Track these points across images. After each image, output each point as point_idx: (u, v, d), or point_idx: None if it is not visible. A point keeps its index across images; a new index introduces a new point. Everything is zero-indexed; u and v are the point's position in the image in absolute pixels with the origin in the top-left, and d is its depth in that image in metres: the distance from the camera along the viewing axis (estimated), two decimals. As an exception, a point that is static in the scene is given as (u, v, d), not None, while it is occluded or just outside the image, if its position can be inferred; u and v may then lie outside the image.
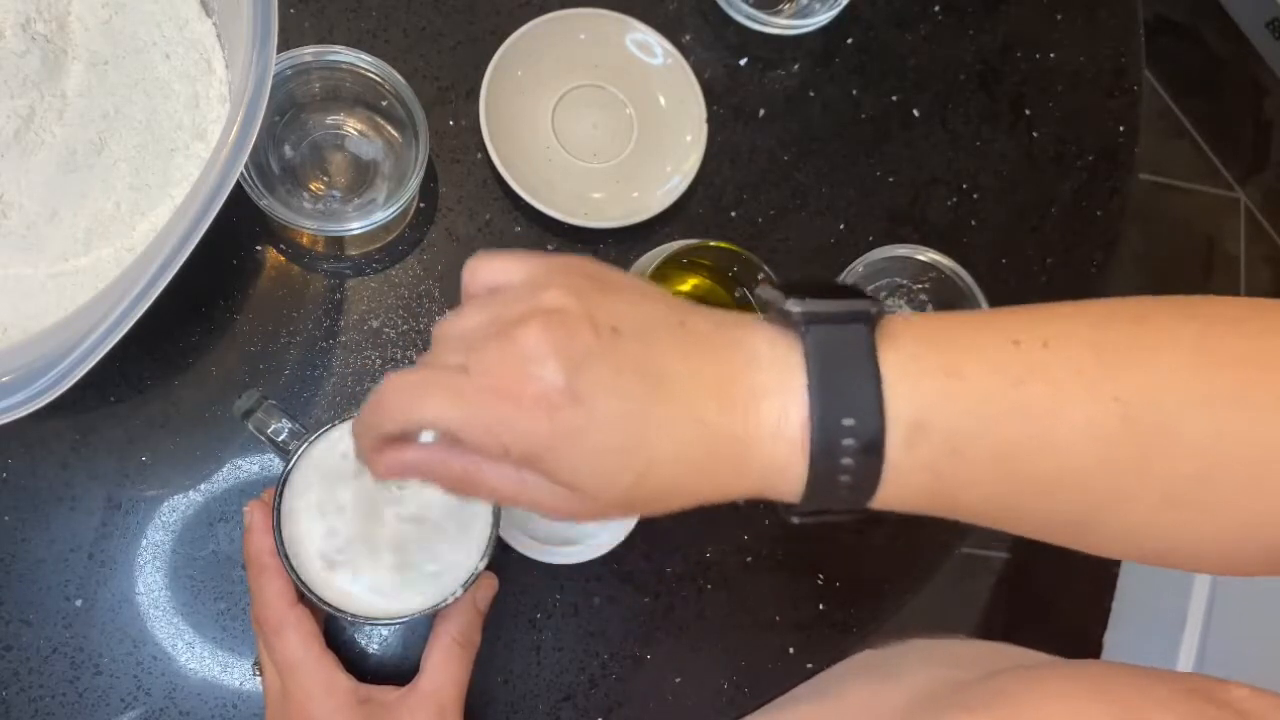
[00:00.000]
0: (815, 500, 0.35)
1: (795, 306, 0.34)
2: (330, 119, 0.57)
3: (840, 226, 0.65)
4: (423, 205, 0.59)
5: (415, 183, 0.53)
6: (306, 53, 0.53)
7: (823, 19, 0.64)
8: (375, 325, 0.58)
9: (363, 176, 0.57)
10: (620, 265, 0.60)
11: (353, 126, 0.57)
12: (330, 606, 0.46)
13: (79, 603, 0.53)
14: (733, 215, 0.63)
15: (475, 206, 0.60)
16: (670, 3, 0.65)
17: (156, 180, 0.53)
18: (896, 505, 0.36)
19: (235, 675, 0.54)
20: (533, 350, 0.32)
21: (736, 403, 0.34)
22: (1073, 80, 0.69)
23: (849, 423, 0.33)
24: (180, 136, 0.53)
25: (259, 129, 0.42)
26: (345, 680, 0.48)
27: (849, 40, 0.67)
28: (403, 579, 0.47)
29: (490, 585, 0.51)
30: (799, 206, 0.64)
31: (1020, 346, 0.34)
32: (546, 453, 0.33)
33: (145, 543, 0.54)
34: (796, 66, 0.66)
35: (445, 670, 0.49)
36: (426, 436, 0.34)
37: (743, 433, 0.34)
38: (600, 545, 0.55)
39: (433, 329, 0.36)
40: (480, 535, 0.48)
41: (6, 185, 0.51)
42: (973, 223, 0.66)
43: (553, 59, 0.61)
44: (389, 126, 0.57)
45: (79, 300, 0.51)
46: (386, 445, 0.35)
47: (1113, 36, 0.70)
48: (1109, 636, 1.51)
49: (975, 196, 0.67)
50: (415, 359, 0.58)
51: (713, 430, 0.34)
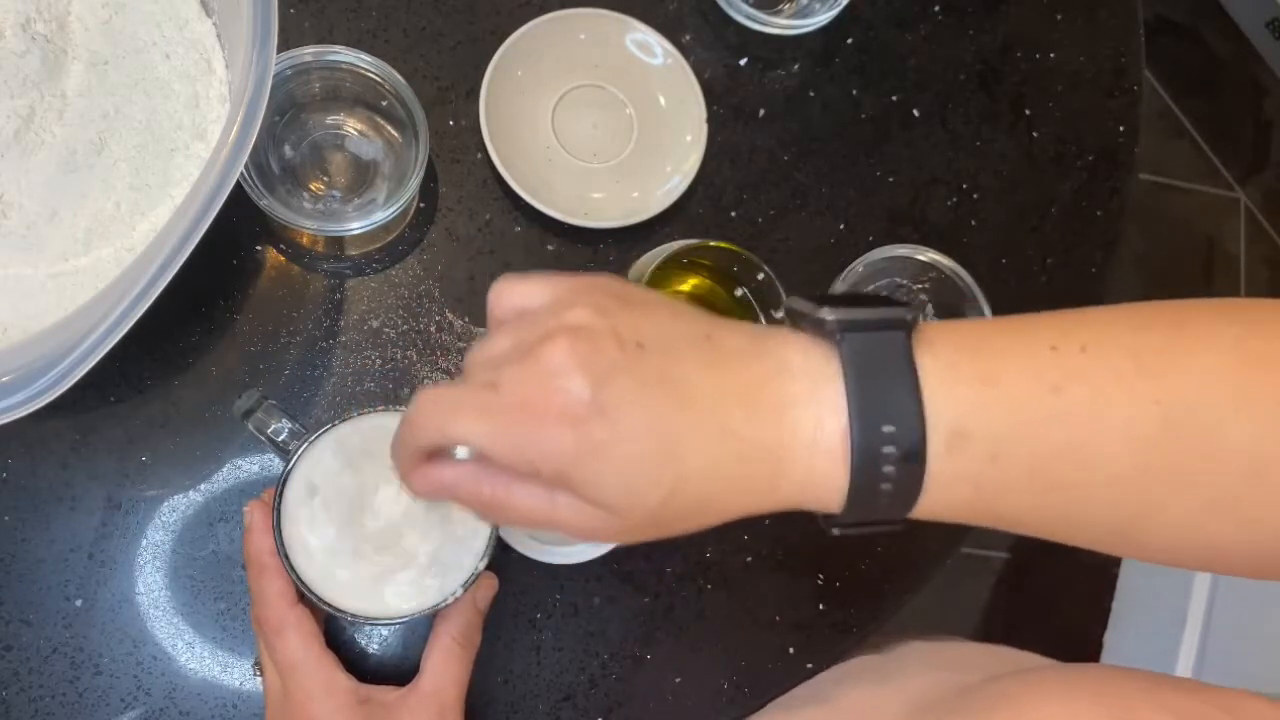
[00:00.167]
0: (856, 511, 0.34)
1: (830, 315, 0.34)
2: (330, 119, 0.57)
3: (840, 226, 0.65)
4: (423, 205, 0.59)
5: (415, 183, 0.53)
6: (306, 53, 0.53)
7: (823, 19, 0.64)
8: (375, 325, 0.58)
9: (363, 176, 0.57)
10: (620, 265, 0.61)
11: (353, 126, 0.57)
12: (330, 606, 0.46)
13: (79, 603, 0.53)
14: (733, 215, 0.63)
15: (475, 206, 0.60)
16: (670, 3, 0.65)
17: (156, 180, 0.53)
18: (937, 515, 0.35)
19: (235, 675, 0.54)
20: (558, 366, 0.32)
21: (766, 412, 0.33)
22: (1073, 80, 0.69)
23: (889, 430, 0.33)
24: (180, 136, 0.53)
25: (259, 129, 0.42)
26: (345, 680, 0.48)
27: (849, 40, 0.67)
28: (403, 579, 0.47)
29: (490, 585, 0.51)
30: (799, 206, 0.64)
31: (1058, 352, 0.34)
32: (574, 468, 0.32)
33: (145, 543, 0.54)
34: (796, 66, 0.66)
35: (445, 670, 0.49)
36: (461, 453, 0.35)
37: (775, 443, 0.33)
38: (600, 545, 0.55)
39: (464, 358, 0.37)
40: (480, 535, 0.48)
41: (6, 185, 0.51)
42: (973, 223, 0.66)
43: (553, 59, 0.61)
44: (389, 126, 0.57)
45: (79, 300, 0.51)
46: (422, 462, 0.36)
47: (1113, 36, 0.70)
48: (1109, 636, 1.51)
49: (975, 196, 0.67)
50: (415, 359, 0.58)
51: (742, 441, 0.33)
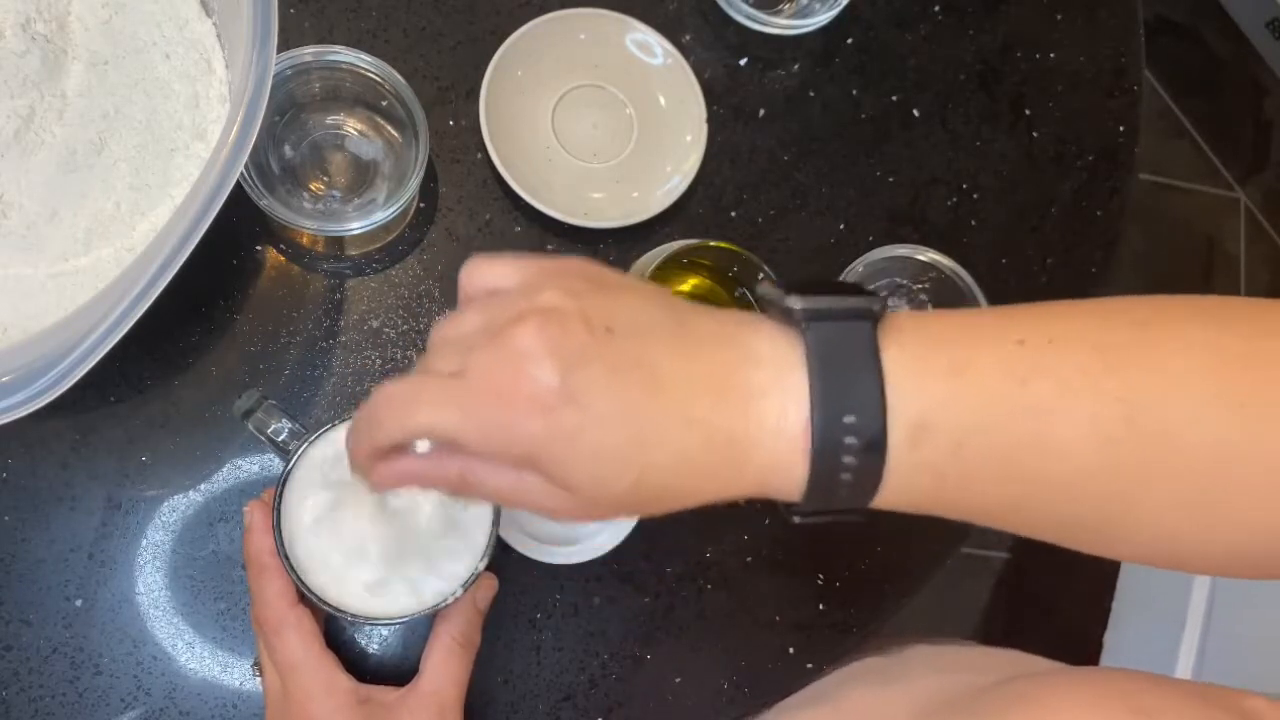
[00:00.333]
0: (816, 499, 0.34)
1: (797, 303, 0.34)
2: (330, 119, 0.57)
3: (840, 226, 0.65)
4: (423, 205, 0.59)
5: (415, 183, 0.53)
6: (306, 53, 0.53)
7: (823, 19, 0.64)
8: (375, 325, 0.58)
9: (363, 176, 0.57)
10: (620, 265, 0.60)
11: (353, 126, 0.57)
12: (330, 606, 0.46)
13: (79, 603, 0.53)
14: (733, 215, 0.63)
15: (475, 206, 0.60)
16: (670, 3, 0.65)
17: (156, 180, 0.53)
18: (898, 505, 0.35)
19: (235, 675, 0.54)
20: (527, 350, 0.32)
21: (733, 401, 0.33)
22: (1073, 80, 0.69)
23: (850, 420, 0.33)
24: (180, 136, 0.53)
25: (259, 129, 0.42)
26: (345, 680, 0.48)
27: (849, 40, 0.67)
28: (403, 579, 0.47)
29: (490, 585, 0.51)
30: (799, 206, 0.64)
31: (1025, 345, 0.34)
32: (543, 453, 0.32)
33: (145, 543, 0.54)
34: (796, 66, 0.66)
35: (445, 670, 0.49)
36: (422, 446, 0.34)
37: (741, 431, 0.33)
38: (600, 545, 0.55)
39: (429, 333, 0.36)
40: (480, 535, 0.48)
41: (6, 185, 0.51)
42: (973, 223, 0.66)
43: (553, 59, 0.61)
44: (389, 126, 0.57)
45: (79, 300, 0.51)
46: (382, 456, 0.35)
47: (1113, 36, 0.70)
48: (1109, 636, 1.51)
49: (975, 196, 0.67)
50: (415, 359, 0.58)
51: (708, 429, 0.33)
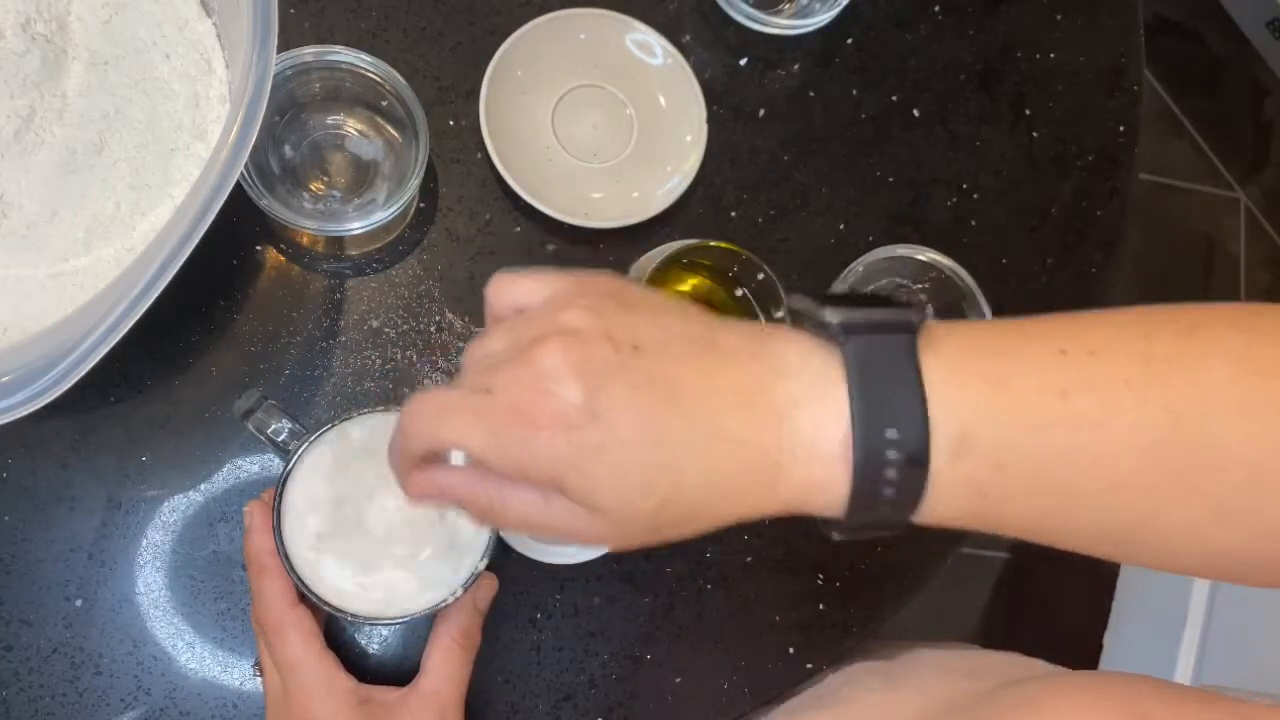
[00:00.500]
0: (858, 515, 0.34)
1: (834, 316, 0.33)
2: (330, 119, 0.57)
3: (840, 226, 0.65)
4: (423, 205, 0.59)
5: (415, 183, 0.53)
6: (306, 53, 0.53)
7: (823, 19, 0.64)
8: (375, 325, 0.58)
9: (363, 176, 0.57)
10: (620, 265, 0.60)
11: (353, 126, 0.57)
12: (330, 606, 0.46)
13: (79, 603, 0.53)
14: (733, 215, 0.63)
15: (475, 206, 0.60)
16: (670, 3, 0.65)
17: (156, 180, 0.53)
18: (940, 520, 0.35)
19: (235, 675, 0.54)
20: (551, 369, 0.32)
21: (763, 414, 0.33)
22: (1073, 80, 0.69)
23: (892, 434, 0.32)
24: (180, 136, 0.53)
25: (259, 129, 0.42)
26: (346, 680, 0.48)
27: (849, 40, 0.67)
28: (403, 579, 0.47)
29: (490, 585, 0.51)
30: (799, 206, 0.64)
31: (1066, 356, 0.33)
32: (568, 473, 0.32)
33: (145, 543, 0.54)
34: (796, 66, 0.66)
35: (445, 670, 0.49)
36: (456, 458, 0.35)
37: (773, 447, 0.33)
38: (600, 546, 0.55)
39: (462, 355, 0.36)
40: (480, 535, 0.48)
41: (6, 185, 0.51)
42: (973, 223, 0.66)
43: (553, 59, 0.61)
44: (389, 126, 0.57)
45: (79, 300, 0.51)
46: (417, 466, 0.36)
47: (1113, 36, 0.70)
48: (1109, 637, 1.51)
49: (975, 196, 0.67)
50: (415, 359, 0.58)
51: (739, 446, 0.33)
